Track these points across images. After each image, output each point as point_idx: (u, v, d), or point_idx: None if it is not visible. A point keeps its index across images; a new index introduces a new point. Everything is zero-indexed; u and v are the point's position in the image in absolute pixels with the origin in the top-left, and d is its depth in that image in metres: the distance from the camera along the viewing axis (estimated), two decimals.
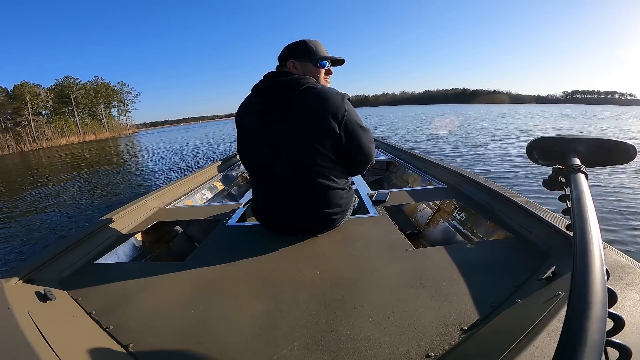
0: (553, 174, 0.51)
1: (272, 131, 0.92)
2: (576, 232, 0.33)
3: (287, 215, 0.98)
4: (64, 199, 5.34)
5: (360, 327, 0.59)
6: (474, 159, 6.00)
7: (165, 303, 0.70)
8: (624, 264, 0.58)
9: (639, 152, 0.51)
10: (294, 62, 0.96)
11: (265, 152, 0.94)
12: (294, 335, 0.58)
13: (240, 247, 0.97)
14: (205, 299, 0.71)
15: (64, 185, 6.75)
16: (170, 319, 0.65)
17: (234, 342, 0.58)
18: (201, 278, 0.79)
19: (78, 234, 1.03)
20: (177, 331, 0.61)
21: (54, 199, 5.33)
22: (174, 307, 0.69)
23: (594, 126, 14.05)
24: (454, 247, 0.99)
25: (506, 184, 3.65)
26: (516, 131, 11.08)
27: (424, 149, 7.43)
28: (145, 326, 0.63)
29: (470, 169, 3.53)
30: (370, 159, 1.01)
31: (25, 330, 0.54)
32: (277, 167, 0.94)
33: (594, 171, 3.66)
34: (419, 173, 1.87)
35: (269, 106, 0.92)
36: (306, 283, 0.74)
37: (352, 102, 0.94)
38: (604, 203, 3.29)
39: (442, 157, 6.01)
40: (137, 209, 1.31)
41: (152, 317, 0.66)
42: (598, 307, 0.23)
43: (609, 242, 0.64)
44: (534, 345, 0.42)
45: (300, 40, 0.97)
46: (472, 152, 6.79)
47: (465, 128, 13.11)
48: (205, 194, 1.89)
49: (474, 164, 5.46)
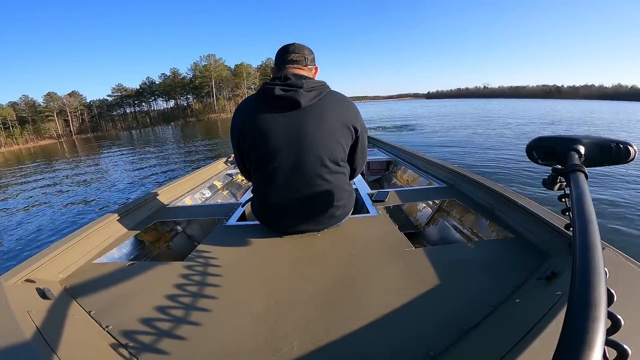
0: (553, 173, 0.51)
1: (300, 127, 0.91)
2: (576, 231, 0.33)
3: (289, 214, 0.98)
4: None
5: (360, 326, 0.59)
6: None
7: (164, 302, 0.70)
8: (623, 263, 0.58)
9: (638, 152, 0.51)
10: (314, 67, 1.02)
11: (288, 146, 0.91)
12: (294, 335, 0.58)
13: (240, 246, 0.97)
14: (204, 298, 0.71)
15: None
16: (169, 319, 0.65)
17: (233, 341, 0.58)
18: (201, 277, 0.79)
19: (78, 233, 1.03)
20: (177, 330, 0.61)
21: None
22: (173, 306, 0.69)
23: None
24: (454, 246, 0.99)
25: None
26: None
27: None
28: (145, 326, 0.63)
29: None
30: (366, 160, 1.12)
31: (25, 329, 0.54)
32: (293, 166, 0.92)
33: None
34: (419, 172, 1.87)
35: (294, 105, 0.90)
36: (306, 283, 0.74)
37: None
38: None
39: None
40: (136, 208, 1.31)
41: (151, 317, 0.66)
42: (598, 307, 0.23)
43: (609, 242, 0.64)
44: (534, 345, 0.42)
45: (304, 45, 1.00)
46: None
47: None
48: (205, 193, 1.89)
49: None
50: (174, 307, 0.69)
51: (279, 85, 0.90)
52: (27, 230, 4.46)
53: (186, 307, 0.68)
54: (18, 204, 6.26)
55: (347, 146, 0.98)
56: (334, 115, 0.93)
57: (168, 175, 7.51)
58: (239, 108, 0.99)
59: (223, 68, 63.84)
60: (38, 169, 12.32)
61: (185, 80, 66.65)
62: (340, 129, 0.94)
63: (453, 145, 8.19)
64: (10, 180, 10.02)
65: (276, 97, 0.89)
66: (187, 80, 66.49)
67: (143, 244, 1.20)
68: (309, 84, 0.91)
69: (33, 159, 18.04)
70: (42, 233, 4.27)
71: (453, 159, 6.26)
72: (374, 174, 2.53)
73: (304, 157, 0.91)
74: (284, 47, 0.99)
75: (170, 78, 66.87)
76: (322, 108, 0.92)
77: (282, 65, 0.97)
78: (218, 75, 63.17)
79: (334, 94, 0.96)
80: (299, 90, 0.89)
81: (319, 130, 0.91)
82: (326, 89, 0.95)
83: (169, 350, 0.56)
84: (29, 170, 11.94)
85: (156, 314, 0.66)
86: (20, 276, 0.76)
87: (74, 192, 6.67)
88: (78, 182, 7.83)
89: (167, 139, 21.12)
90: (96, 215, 4.52)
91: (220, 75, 63.29)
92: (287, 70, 0.96)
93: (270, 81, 0.94)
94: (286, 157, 0.92)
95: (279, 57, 0.99)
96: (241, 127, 0.95)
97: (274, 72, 1.01)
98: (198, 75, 64.34)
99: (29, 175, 10.74)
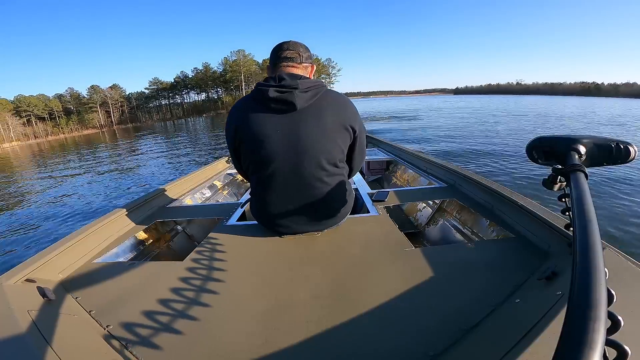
0: (553, 173, 0.51)
1: (297, 130, 0.88)
2: (576, 231, 0.33)
3: (288, 217, 0.97)
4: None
5: (360, 326, 0.59)
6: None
7: (164, 302, 0.70)
8: (623, 263, 0.58)
9: (638, 152, 0.50)
10: (310, 65, 0.99)
11: (285, 150, 0.90)
12: (294, 334, 0.58)
13: (240, 246, 0.97)
14: (204, 298, 0.71)
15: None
16: (169, 318, 0.65)
17: (233, 341, 0.58)
18: (201, 277, 0.79)
19: (78, 232, 1.03)
20: (177, 330, 0.61)
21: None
22: (173, 306, 0.69)
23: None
24: (454, 246, 0.99)
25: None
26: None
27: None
28: (145, 325, 0.63)
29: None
30: (364, 159, 1.11)
31: (25, 329, 0.54)
32: (291, 170, 0.91)
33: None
34: (419, 172, 1.87)
35: (290, 107, 0.88)
36: (306, 282, 0.74)
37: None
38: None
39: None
40: (137, 207, 1.31)
41: (151, 316, 0.66)
42: (598, 307, 0.22)
43: (609, 242, 0.64)
44: (534, 345, 0.42)
45: (300, 42, 0.97)
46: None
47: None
48: (205, 193, 1.89)
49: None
50: (174, 306, 0.69)
51: (273, 87, 0.87)
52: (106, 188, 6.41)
53: (186, 306, 0.68)
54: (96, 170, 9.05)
55: (346, 147, 0.96)
56: (332, 116, 0.90)
57: (200, 154, 9.93)
58: (233, 109, 0.96)
59: (252, 63, 68.58)
60: (98, 150, 16.48)
61: (216, 74, 73.44)
62: (339, 130, 0.92)
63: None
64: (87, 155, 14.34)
65: (270, 99, 0.87)
66: (218, 74, 73.17)
67: (143, 244, 1.20)
68: (305, 84, 0.87)
69: (92, 146, 21.20)
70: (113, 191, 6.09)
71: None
72: (374, 173, 2.53)
73: (302, 161, 0.90)
74: (279, 45, 0.96)
75: (202, 72, 74.36)
76: (319, 109, 0.89)
77: (276, 63, 0.95)
78: (247, 69, 68.41)
79: (331, 93, 0.94)
80: (294, 91, 0.86)
81: (317, 133, 0.89)
82: (323, 88, 0.92)
83: (169, 350, 0.56)
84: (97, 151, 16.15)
85: (156, 314, 0.66)
86: (20, 276, 0.76)
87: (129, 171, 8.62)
88: (124, 167, 9.64)
89: (198, 129, 25.74)
90: (138, 190, 6.00)
91: (249, 69, 68.22)
92: (281, 69, 0.94)
93: (265, 81, 0.91)
94: (283, 162, 0.90)
95: (273, 56, 0.96)
96: (236, 131, 0.93)
97: (269, 71, 0.98)
98: (228, 69, 70.46)
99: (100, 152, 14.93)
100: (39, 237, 3.99)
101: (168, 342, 0.58)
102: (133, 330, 0.62)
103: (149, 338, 0.59)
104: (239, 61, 68.47)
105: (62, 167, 10.95)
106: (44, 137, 55.20)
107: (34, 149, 29.43)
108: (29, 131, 55.27)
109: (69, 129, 62.18)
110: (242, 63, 68.07)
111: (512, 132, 10.02)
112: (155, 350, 0.56)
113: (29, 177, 9.80)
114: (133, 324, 0.63)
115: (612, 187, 3.81)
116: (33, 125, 57.34)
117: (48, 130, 58.57)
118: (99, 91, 67.19)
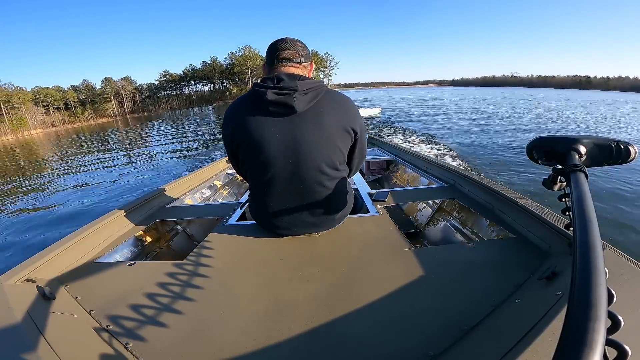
0: (553, 173, 0.51)
1: (297, 134, 0.85)
2: (576, 231, 0.33)
3: (287, 219, 0.96)
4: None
5: (360, 326, 0.59)
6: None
7: (164, 302, 0.70)
8: (623, 263, 0.58)
9: (638, 152, 0.50)
10: (309, 63, 0.96)
11: (284, 156, 0.86)
12: (294, 334, 0.58)
13: (240, 246, 0.97)
14: (204, 298, 0.71)
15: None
16: (169, 318, 0.65)
17: (233, 341, 0.58)
18: (201, 277, 0.79)
19: (78, 232, 1.02)
20: (177, 330, 0.61)
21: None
22: (173, 306, 0.69)
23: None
24: (454, 246, 0.99)
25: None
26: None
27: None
28: (145, 325, 0.63)
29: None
30: (364, 159, 1.08)
31: (25, 329, 0.54)
32: (291, 175, 0.89)
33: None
34: (419, 172, 1.87)
35: (289, 111, 0.84)
36: (306, 282, 0.74)
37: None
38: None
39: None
40: (137, 207, 1.31)
41: (151, 316, 0.66)
42: (598, 307, 0.22)
43: (609, 242, 0.64)
44: (534, 345, 0.42)
45: (297, 39, 0.93)
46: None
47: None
48: (205, 193, 1.89)
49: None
50: (174, 306, 0.69)
51: (271, 88, 0.82)
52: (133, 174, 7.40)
53: (186, 306, 0.68)
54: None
55: (347, 149, 0.94)
56: (333, 119, 0.87)
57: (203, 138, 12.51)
58: (228, 111, 0.91)
59: (257, 57, 75.31)
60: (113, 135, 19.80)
61: (222, 67, 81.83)
62: (339, 133, 0.89)
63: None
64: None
65: (269, 101, 0.82)
66: (224, 67, 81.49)
67: (143, 244, 1.20)
68: (304, 86, 0.83)
69: (106, 133, 24.73)
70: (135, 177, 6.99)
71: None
72: (374, 173, 2.52)
73: (302, 166, 0.87)
74: (275, 43, 0.91)
75: (210, 65, 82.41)
76: (320, 112, 0.86)
77: (273, 63, 0.90)
78: (253, 64, 75.72)
79: (332, 94, 0.90)
80: (293, 93, 0.82)
81: (317, 138, 0.85)
82: (323, 89, 0.88)
83: (169, 350, 0.56)
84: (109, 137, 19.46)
85: (156, 314, 0.66)
86: (20, 276, 0.76)
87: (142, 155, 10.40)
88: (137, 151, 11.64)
89: (204, 115, 31.76)
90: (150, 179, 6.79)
91: (254, 64, 75.28)
92: (279, 69, 0.89)
93: (262, 82, 0.86)
94: (283, 167, 0.87)
95: (269, 55, 0.91)
96: (232, 135, 0.89)
97: (265, 70, 0.93)
98: (236, 63, 78.56)
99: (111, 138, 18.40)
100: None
101: (168, 342, 0.58)
102: (133, 330, 0.62)
103: (149, 338, 0.59)
104: (246, 55, 76.02)
105: (101, 148, 13.96)
106: (61, 126, 59.47)
107: (60, 134, 34.24)
108: (48, 120, 59.45)
109: (85, 117, 66.99)
110: (249, 57, 75.47)
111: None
112: (155, 350, 0.56)
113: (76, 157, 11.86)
114: (133, 324, 0.63)
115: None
116: (51, 114, 61.76)
117: (65, 119, 62.96)
118: (112, 82, 72.90)
